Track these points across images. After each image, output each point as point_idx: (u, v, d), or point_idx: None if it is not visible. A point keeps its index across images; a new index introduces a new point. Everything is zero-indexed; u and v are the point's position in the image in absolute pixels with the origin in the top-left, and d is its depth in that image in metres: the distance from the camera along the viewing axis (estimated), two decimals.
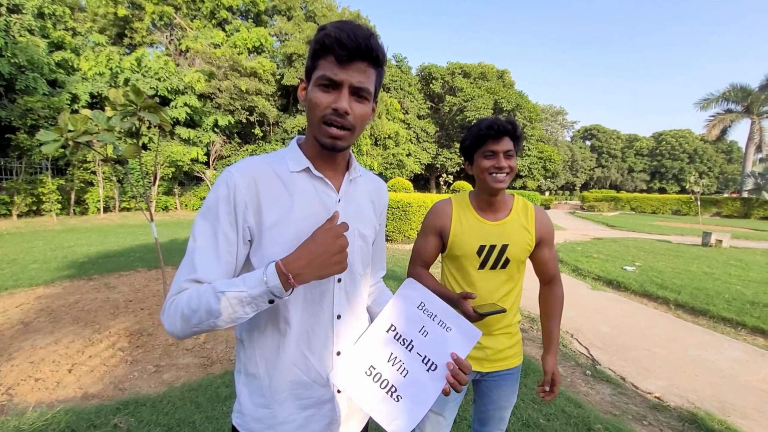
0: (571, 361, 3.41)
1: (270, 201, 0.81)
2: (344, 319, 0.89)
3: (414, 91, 30.08)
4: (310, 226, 0.80)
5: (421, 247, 1.43)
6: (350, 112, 0.78)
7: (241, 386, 0.88)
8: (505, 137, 1.28)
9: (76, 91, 14.31)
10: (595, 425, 2.38)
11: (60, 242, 8.14)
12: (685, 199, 25.57)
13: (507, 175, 1.28)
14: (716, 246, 9.94)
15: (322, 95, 0.77)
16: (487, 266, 1.33)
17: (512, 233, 1.34)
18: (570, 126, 55.07)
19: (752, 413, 2.63)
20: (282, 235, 0.81)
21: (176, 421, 2.25)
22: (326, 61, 0.76)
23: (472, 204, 1.39)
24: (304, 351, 0.85)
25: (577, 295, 5.46)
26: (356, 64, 0.76)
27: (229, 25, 20.58)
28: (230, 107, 18.06)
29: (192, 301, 0.73)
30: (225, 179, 0.79)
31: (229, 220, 0.79)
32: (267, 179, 0.82)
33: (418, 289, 0.91)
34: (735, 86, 26.85)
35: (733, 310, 4.62)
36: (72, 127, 3.46)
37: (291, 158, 0.86)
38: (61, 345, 3.26)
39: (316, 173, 0.85)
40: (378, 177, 1.06)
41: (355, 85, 0.77)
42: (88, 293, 4.66)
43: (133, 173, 14.25)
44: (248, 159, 0.84)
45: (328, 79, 0.76)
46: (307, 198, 0.84)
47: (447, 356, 0.82)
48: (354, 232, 0.90)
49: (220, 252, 0.78)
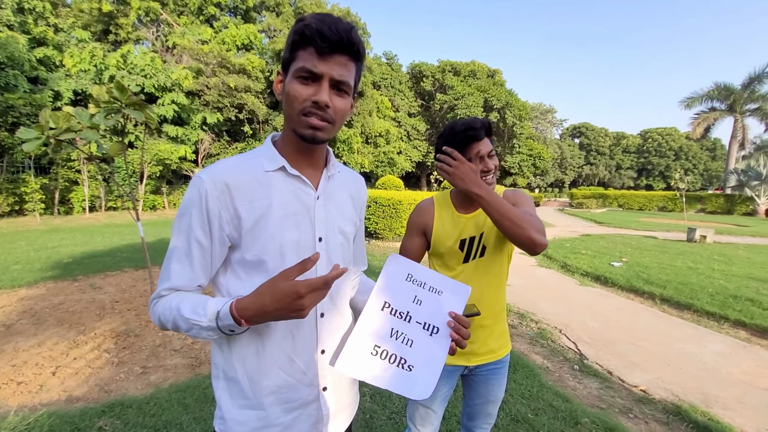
0: (560, 356, 3.45)
1: (246, 204, 0.79)
2: (327, 318, 0.88)
3: (404, 89, 30.07)
4: (289, 225, 0.81)
5: (406, 247, 1.44)
6: (330, 105, 0.76)
7: (221, 392, 0.86)
8: (486, 138, 1.28)
9: (58, 88, 13.93)
10: (582, 419, 2.42)
11: (44, 242, 7.96)
12: (670, 195, 26.05)
13: (493, 176, 1.30)
14: (700, 241, 10.15)
15: (302, 87, 0.75)
16: (471, 258, 1.35)
17: (486, 219, 1.34)
18: (559, 124, 55.62)
19: (734, 404, 2.70)
20: (262, 236, 0.80)
21: (163, 422, 2.22)
22: (306, 53, 0.74)
23: (453, 202, 1.41)
24: (287, 352, 0.83)
25: (566, 291, 5.53)
26: (337, 57, 0.75)
27: (217, 22, 20.29)
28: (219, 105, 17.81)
29: (165, 314, 0.77)
30: (196, 186, 0.78)
31: (202, 228, 0.78)
32: (241, 182, 0.80)
33: (403, 263, 0.94)
34: (719, 85, 27.39)
35: (716, 304, 4.72)
36: (54, 124, 3.38)
37: (265, 157, 0.84)
38: (44, 347, 3.20)
39: (292, 171, 0.83)
40: (356, 173, 1.04)
41: (336, 78, 0.75)
42: (72, 294, 4.57)
43: (119, 172, 13.99)
44: (221, 163, 0.82)
45: (308, 72, 0.74)
46: (284, 197, 0.82)
47: (445, 317, 0.86)
48: (335, 228, 0.89)
49: (194, 260, 0.80)
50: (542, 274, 6.55)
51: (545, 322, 4.23)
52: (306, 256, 0.82)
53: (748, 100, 26.68)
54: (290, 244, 0.82)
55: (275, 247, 0.80)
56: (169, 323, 0.77)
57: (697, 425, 2.42)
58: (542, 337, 3.82)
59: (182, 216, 0.79)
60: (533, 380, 2.88)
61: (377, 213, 8.97)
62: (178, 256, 0.80)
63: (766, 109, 26.03)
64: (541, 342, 3.72)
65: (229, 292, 0.84)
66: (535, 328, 4.08)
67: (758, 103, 26.33)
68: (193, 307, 0.75)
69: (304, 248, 0.84)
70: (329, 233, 0.88)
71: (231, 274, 0.84)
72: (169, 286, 0.79)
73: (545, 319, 4.31)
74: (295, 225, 0.83)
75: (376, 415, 2.39)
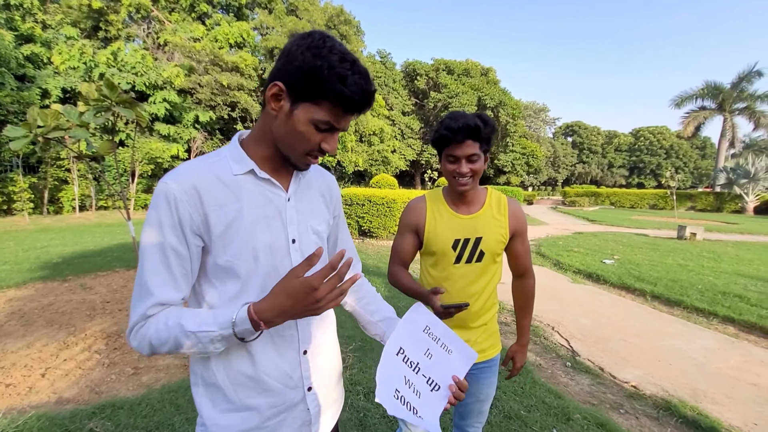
0: (552, 353, 3.48)
1: (216, 209, 0.76)
2: (307, 319, 0.87)
3: (398, 87, 30.06)
4: (261, 228, 0.80)
5: (398, 246, 1.43)
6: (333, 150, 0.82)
7: (201, 398, 0.84)
8: (467, 141, 1.20)
9: (46, 85, 13.69)
10: (574, 415, 2.44)
11: (33, 242, 7.84)
12: (661, 193, 26.37)
13: (470, 178, 1.27)
14: (690, 239, 10.29)
15: (317, 134, 0.76)
16: (463, 260, 1.34)
17: (486, 226, 1.34)
18: (552, 122, 56.01)
19: (722, 399, 2.74)
20: (233, 242, 0.78)
21: (155, 423, 2.21)
22: (334, 107, 0.74)
23: (446, 199, 1.39)
24: (270, 355, 0.82)
25: (558, 289, 5.58)
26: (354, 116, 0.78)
27: (210, 19, 20.10)
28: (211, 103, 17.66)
29: (161, 335, 0.72)
30: (164, 192, 0.74)
31: (176, 235, 0.74)
32: (209, 185, 0.77)
33: (424, 313, 0.96)
34: (709, 84, 27.73)
35: (705, 300, 4.79)
36: (42, 122, 3.32)
37: (232, 159, 0.81)
38: (33, 349, 3.15)
39: (262, 174, 0.81)
40: (325, 171, 1.03)
41: (345, 129, 0.80)
42: (62, 295, 4.51)
43: (110, 171, 13.82)
44: (186, 165, 0.79)
45: (328, 125, 0.76)
46: (254, 201, 0.80)
47: (448, 377, 0.88)
48: (307, 229, 0.89)
49: (174, 270, 0.75)
50: (535, 272, 6.58)
51: (538, 320, 4.26)
52: (280, 259, 0.83)
53: (737, 99, 27.06)
54: (263, 248, 0.80)
55: (248, 251, 0.79)
56: (167, 344, 0.72)
57: (686, 420, 2.46)
58: (535, 334, 3.85)
59: (151, 225, 0.74)
60: (526, 377, 2.91)
61: (371, 212, 8.96)
62: (154, 269, 0.74)
63: (754, 108, 26.41)
64: (533, 339, 3.75)
65: (205, 299, 0.81)
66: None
67: (747, 102, 26.71)
68: (198, 320, 0.72)
69: (277, 251, 0.82)
70: (302, 234, 0.87)
71: (204, 281, 0.81)
72: (154, 302, 0.73)
73: (538, 317, 4.34)
74: (267, 228, 0.81)
75: (370, 413, 2.39)
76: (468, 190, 1.29)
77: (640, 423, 2.47)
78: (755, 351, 3.57)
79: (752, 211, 22.50)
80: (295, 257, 0.84)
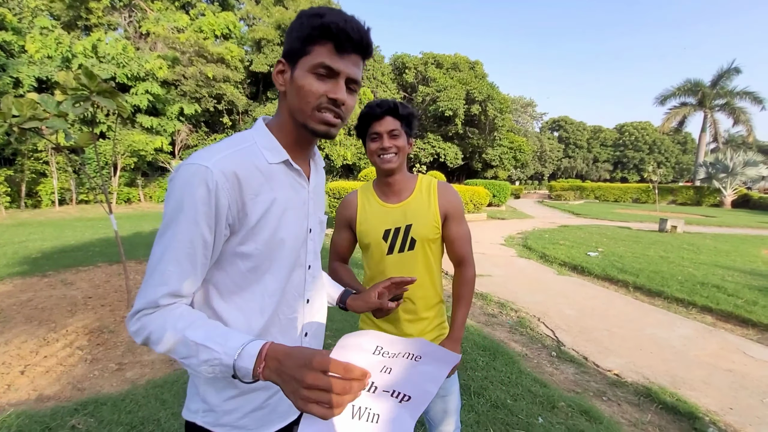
0: (538, 343, 3.55)
1: (254, 198, 0.75)
2: (312, 302, 0.92)
3: (387, 80, 29.88)
4: (289, 220, 0.82)
5: (335, 241, 1.43)
6: (346, 102, 0.76)
7: (205, 387, 0.82)
8: (386, 117, 1.24)
9: (18, 74, 13.09)
10: (558, 403, 2.50)
11: (10, 237, 7.61)
12: (644, 187, 26.95)
13: (395, 155, 1.25)
14: (671, 231, 10.56)
15: (318, 83, 0.74)
16: (396, 250, 1.30)
17: (415, 212, 1.31)
18: (539, 117, 56.52)
19: (699, 385, 2.83)
20: (262, 232, 0.77)
21: (140, 419, 2.17)
22: (324, 49, 0.73)
23: (376, 191, 1.37)
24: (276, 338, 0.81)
25: (544, 281, 5.67)
26: (353, 56, 0.75)
27: (194, 9, 19.61)
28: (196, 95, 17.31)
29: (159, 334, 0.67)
30: (204, 178, 0.69)
31: (209, 224, 0.71)
32: (248, 174, 0.75)
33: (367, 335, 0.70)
34: (689, 81, 28.33)
35: (685, 290, 4.93)
36: (17, 111, 3.20)
37: (266, 147, 0.79)
38: (11, 346, 3.07)
39: (295, 165, 0.82)
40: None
41: (351, 77, 0.76)
42: (42, 290, 4.39)
43: (90, 163, 13.44)
44: (222, 150, 0.74)
45: (326, 68, 0.73)
46: (286, 192, 0.81)
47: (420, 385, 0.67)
48: (315, 220, 0.91)
49: (197, 260, 0.71)
50: (522, 265, 6.69)
51: (524, 311, 4.32)
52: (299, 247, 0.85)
53: (717, 96, 27.72)
54: (290, 238, 0.82)
55: (276, 242, 0.79)
56: (163, 344, 0.67)
57: (666, 406, 2.54)
58: (521, 325, 3.91)
59: (181, 211, 0.69)
60: (512, 367, 2.95)
61: None
62: (175, 258, 0.69)
63: (733, 105, 27.11)
64: (520, 330, 3.81)
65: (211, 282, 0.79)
66: (515, 316, 4.17)
67: (726, 98, 27.39)
68: (206, 332, 0.66)
69: (299, 240, 0.85)
70: (314, 224, 0.90)
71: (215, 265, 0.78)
72: (169, 292, 0.69)
73: (524, 308, 4.41)
74: (294, 219, 0.83)
75: None
76: (392, 168, 1.27)
77: (621, 409, 2.54)
78: (731, 339, 3.70)
79: (730, 205, 23.20)
80: (310, 246, 0.88)
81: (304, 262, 0.88)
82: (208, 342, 0.64)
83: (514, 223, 12.76)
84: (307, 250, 0.88)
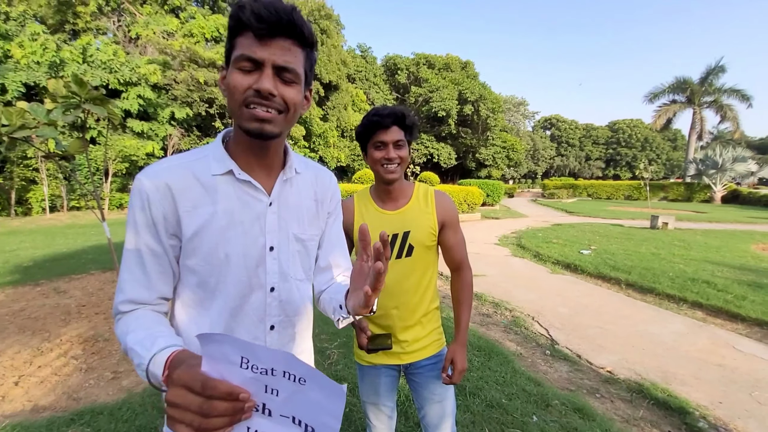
0: (532, 342, 3.59)
1: (189, 210, 0.73)
2: (278, 330, 0.84)
3: (379, 81, 29.96)
4: (234, 235, 0.75)
5: None
6: (276, 93, 0.68)
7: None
8: (393, 127, 1.25)
9: (3, 80, 12.77)
10: (552, 401, 2.53)
11: (0, 246, 7.52)
12: (636, 184, 27.25)
13: (398, 165, 1.28)
14: (663, 228, 10.69)
15: (242, 77, 0.68)
16: (393, 256, 1.32)
17: (413, 219, 1.33)
18: (531, 116, 56.93)
19: (690, 380, 2.89)
20: (202, 246, 0.74)
21: (137, 427, 2.17)
22: (245, 39, 0.67)
23: (373, 196, 1.39)
24: None
25: (538, 279, 5.72)
26: (279, 41, 0.68)
27: (184, 12, 19.51)
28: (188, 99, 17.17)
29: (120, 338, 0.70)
30: (137, 189, 0.71)
31: (151, 233, 0.72)
32: (184, 185, 0.73)
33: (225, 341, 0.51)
34: (679, 79, 28.72)
35: (676, 287, 5.01)
36: (6, 120, 3.18)
37: (214, 158, 0.76)
38: (5, 356, 3.04)
39: (241, 176, 0.75)
40: (324, 170, 0.95)
41: (279, 64, 0.68)
42: (34, 299, 4.35)
43: (81, 169, 13.31)
44: (164, 162, 0.75)
45: (247, 59, 0.67)
46: (230, 204, 0.75)
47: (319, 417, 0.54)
48: (288, 236, 0.82)
49: (147, 268, 0.73)
50: (516, 264, 6.74)
51: (519, 310, 4.37)
52: (254, 266, 0.77)
53: (705, 93, 28.12)
54: (236, 255, 0.76)
55: (218, 257, 0.75)
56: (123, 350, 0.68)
57: (658, 401, 2.59)
58: (516, 324, 3.95)
59: (128, 222, 0.73)
60: (507, 367, 2.99)
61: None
62: (127, 266, 0.73)
63: (721, 102, 27.52)
64: (515, 329, 3.84)
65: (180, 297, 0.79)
66: (510, 316, 4.21)
67: (714, 95, 27.79)
68: (139, 336, 0.65)
69: (251, 259, 0.78)
70: (282, 242, 0.81)
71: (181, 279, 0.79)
72: (125, 299, 0.72)
73: (519, 307, 4.45)
74: (242, 234, 0.76)
75: (356, 408, 2.42)
76: (395, 179, 1.29)
77: (614, 406, 2.58)
78: (721, 334, 3.77)
79: (720, 201, 23.53)
80: (271, 266, 0.80)
81: (264, 283, 0.80)
82: (136, 346, 0.63)
83: (508, 222, 12.84)
84: (266, 270, 0.79)
